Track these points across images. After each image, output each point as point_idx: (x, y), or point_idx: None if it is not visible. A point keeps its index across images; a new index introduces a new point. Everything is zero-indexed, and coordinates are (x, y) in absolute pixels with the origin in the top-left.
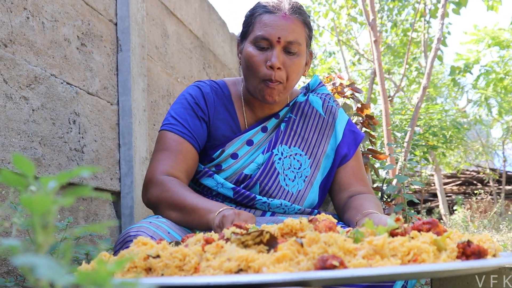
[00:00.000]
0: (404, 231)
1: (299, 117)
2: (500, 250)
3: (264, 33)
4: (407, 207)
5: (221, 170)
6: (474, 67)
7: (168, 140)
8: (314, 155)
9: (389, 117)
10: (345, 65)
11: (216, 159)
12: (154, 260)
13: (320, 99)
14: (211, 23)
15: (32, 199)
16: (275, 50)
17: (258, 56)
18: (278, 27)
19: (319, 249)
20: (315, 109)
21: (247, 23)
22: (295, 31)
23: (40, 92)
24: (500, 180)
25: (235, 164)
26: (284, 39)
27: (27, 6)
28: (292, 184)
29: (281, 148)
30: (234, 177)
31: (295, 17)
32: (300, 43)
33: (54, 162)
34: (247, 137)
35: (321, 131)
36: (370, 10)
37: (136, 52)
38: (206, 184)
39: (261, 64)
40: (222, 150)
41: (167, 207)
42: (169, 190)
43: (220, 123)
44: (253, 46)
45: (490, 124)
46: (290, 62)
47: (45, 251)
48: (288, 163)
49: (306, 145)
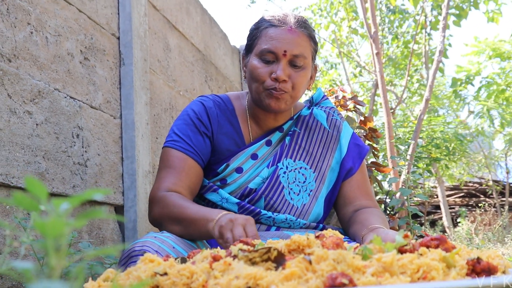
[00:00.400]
0: (413, 248)
1: (303, 130)
2: (509, 266)
3: (270, 47)
4: (411, 220)
5: (226, 185)
6: (475, 78)
7: (171, 157)
8: (319, 168)
9: (391, 130)
10: (347, 77)
11: (220, 174)
12: (161, 277)
13: (324, 112)
14: (212, 36)
15: (45, 222)
16: (281, 63)
17: (263, 69)
18: (284, 41)
19: (328, 267)
20: (319, 122)
21: (252, 36)
22: (301, 44)
23: (43, 106)
24: (503, 192)
25: (240, 179)
26: (290, 53)
27: (31, 21)
28: (297, 198)
29: (286, 162)
30: (239, 191)
31: (301, 31)
32: (305, 57)
33: (58, 176)
34: (252, 151)
35: (326, 144)
36: (371, 23)
37: (138, 66)
38: (210, 199)
39: (266, 76)
40: (226, 165)
41: (169, 221)
42: (169, 205)
43: (224, 137)
44: (258, 59)
45: (492, 135)
46: (295, 75)
47: (58, 274)
48: (293, 177)
49: (311, 158)
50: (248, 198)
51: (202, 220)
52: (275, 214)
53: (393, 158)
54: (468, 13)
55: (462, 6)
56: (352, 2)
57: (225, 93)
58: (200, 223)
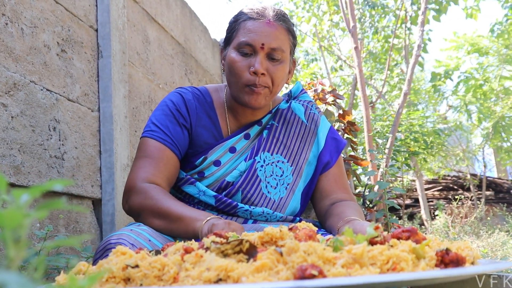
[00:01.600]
0: (384, 240)
1: (281, 124)
2: (478, 257)
3: (247, 39)
4: (388, 213)
5: (203, 177)
6: (454, 73)
7: (149, 147)
8: (296, 162)
9: (370, 123)
10: (327, 71)
11: (198, 166)
12: (132, 270)
13: (303, 106)
14: (193, 29)
15: (4, 213)
16: (258, 56)
17: (241, 62)
18: (262, 34)
19: (299, 258)
20: (297, 116)
21: (230, 29)
22: (279, 38)
23: (19, 99)
24: (481, 185)
25: (218, 172)
26: (267, 46)
27: (6, 12)
28: (274, 192)
29: (264, 155)
30: (216, 184)
31: (279, 24)
32: (283, 50)
33: (34, 169)
34: (230, 144)
35: (304, 138)
36: (350, 17)
37: (117, 58)
38: (188, 191)
39: (244, 70)
40: (204, 157)
41: (150, 215)
42: (153, 198)
43: (202, 130)
44: (236, 52)
45: (471, 130)
46: (273, 68)
47: (17, 266)
48: (270, 170)
49: (288, 152)
50: (225, 191)
51: (189, 219)
52: (252, 207)
53: (371, 152)
54: (448, 8)
55: (441, 1)
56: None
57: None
58: (187, 221)
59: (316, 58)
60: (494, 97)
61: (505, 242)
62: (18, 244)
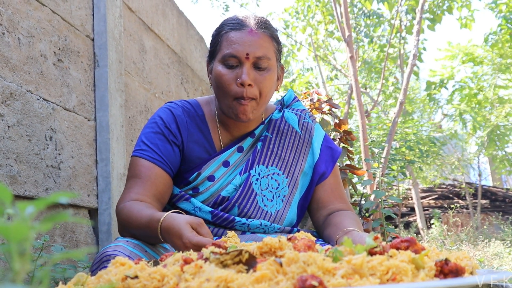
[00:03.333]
0: (383, 250)
1: (275, 135)
2: (477, 267)
3: (231, 51)
4: (384, 222)
5: (198, 193)
6: (449, 82)
7: (138, 166)
8: (292, 174)
9: (366, 132)
10: (323, 80)
11: (192, 182)
12: (132, 281)
13: (296, 115)
14: (189, 38)
15: (9, 227)
16: (244, 67)
17: (228, 75)
18: (245, 43)
19: (298, 269)
20: (291, 126)
21: (214, 42)
22: (263, 46)
23: (16, 108)
24: (476, 194)
25: (212, 187)
26: (252, 55)
27: (3, 21)
28: (270, 204)
29: (258, 168)
30: (211, 199)
31: (262, 32)
32: (269, 58)
33: (30, 179)
34: (223, 158)
35: (298, 149)
36: (345, 27)
37: (113, 68)
38: (183, 208)
39: (231, 83)
40: (198, 173)
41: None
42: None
43: (194, 146)
44: (222, 65)
45: (466, 138)
46: (261, 78)
47: (22, 278)
48: (266, 183)
49: (283, 164)
50: (221, 206)
51: (151, 222)
52: (250, 220)
53: (367, 161)
54: (442, 17)
55: (436, 11)
56: (329, 6)
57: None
58: (151, 226)
59: (310, 68)
60: (488, 106)
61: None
62: (23, 257)
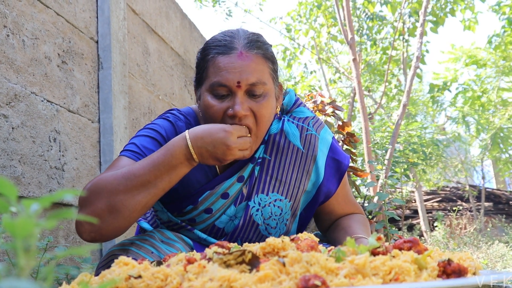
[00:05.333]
0: (386, 250)
1: (274, 156)
2: (480, 268)
3: (220, 79)
4: (388, 224)
5: (195, 223)
6: (452, 85)
7: (119, 162)
8: (295, 196)
9: (369, 134)
10: (326, 82)
11: (188, 214)
12: (135, 280)
13: (298, 127)
14: (192, 40)
15: (15, 222)
16: (237, 97)
17: (217, 106)
18: (235, 70)
19: (301, 269)
20: (291, 143)
21: (199, 67)
22: (256, 70)
23: (20, 110)
24: (480, 196)
25: (209, 219)
26: (245, 82)
27: (7, 23)
28: (274, 231)
29: (258, 198)
30: (207, 228)
31: (254, 54)
32: (265, 83)
33: (34, 180)
34: (223, 190)
35: (300, 168)
36: (348, 29)
37: (117, 70)
38: (189, 236)
39: (221, 115)
40: (194, 207)
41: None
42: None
43: (193, 169)
44: (210, 95)
45: (469, 141)
46: (257, 106)
47: (27, 274)
48: (269, 212)
49: (285, 188)
50: (221, 238)
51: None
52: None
53: (370, 163)
54: (445, 20)
55: (439, 13)
56: (331, 9)
57: None
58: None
59: (314, 71)
60: (492, 109)
61: (504, 253)
62: (28, 253)
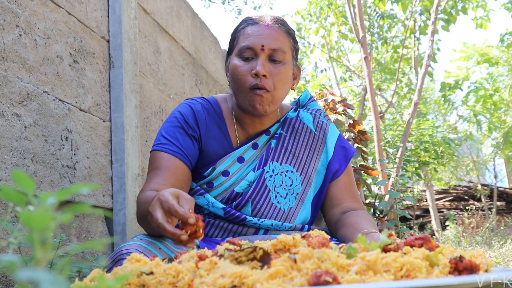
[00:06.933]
0: (397, 247)
1: (289, 133)
2: (492, 265)
3: (247, 43)
4: (399, 222)
5: (212, 188)
6: (464, 83)
7: (158, 159)
8: (306, 171)
9: (380, 133)
10: (336, 81)
11: (207, 177)
12: (147, 277)
13: (311, 115)
14: (203, 40)
15: (31, 215)
16: (260, 59)
17: (243, 67)
18: (261, 36)
19: (313, 265)
20: (305, 125)
21: (232, 39)
22: (279, 39)
23: (32, 109)
24: (491, 195)
25: (227, 182)
26: (268, 47)
27: (20, 23)
28: (283, 202)
29: (272, 165)
30: (225, 194)
31: (278, 27)
32: (285, 51)
33: (46, 179)
34: (238, 154)
35: (312, 147)
36: (359, 27)
37: (128, 69)
38: (197, 202)
39: (246, 74)
40: (213, 168)
41: (141, 220)
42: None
43: (212, 141)
44: (238, 58)
45: (481, 140)
46: (276, 70)
47: (43, 266)
48: (280, 180)
49: (297, 162)
50: (235, 201)
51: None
52: (261, 221)
53: (381, 161)
54: (457, 18)
55: (450, 11)
56: (342, 8)
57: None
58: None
59: (324, 69)
60: (504, 107)
61: None
62: (45, 246)
